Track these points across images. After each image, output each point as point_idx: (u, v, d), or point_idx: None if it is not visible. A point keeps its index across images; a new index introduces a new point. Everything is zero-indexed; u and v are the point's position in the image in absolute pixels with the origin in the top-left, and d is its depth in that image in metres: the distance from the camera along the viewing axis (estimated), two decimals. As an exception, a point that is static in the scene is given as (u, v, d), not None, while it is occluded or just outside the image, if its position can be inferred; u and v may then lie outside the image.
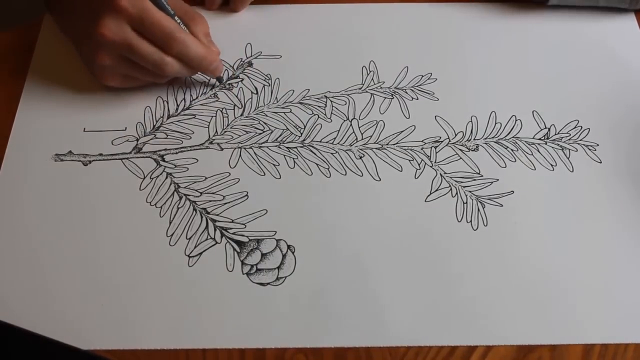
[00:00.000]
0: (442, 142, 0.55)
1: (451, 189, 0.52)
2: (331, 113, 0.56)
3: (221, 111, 0.57)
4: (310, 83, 0.58)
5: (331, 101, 0.57)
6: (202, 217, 0.50)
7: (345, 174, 0.53)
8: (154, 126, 0.56)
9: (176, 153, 0.54)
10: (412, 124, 0.56)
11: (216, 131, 0.55)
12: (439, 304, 0.47)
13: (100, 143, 0.54)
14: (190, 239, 0.49)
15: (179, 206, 0.51)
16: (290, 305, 0.46)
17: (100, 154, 0.54)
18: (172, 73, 0.54)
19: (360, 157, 0.54)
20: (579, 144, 0.55)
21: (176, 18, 0.54)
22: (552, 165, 0.54)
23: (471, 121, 0.56)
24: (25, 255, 0.49)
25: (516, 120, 0.56)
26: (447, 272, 0.48)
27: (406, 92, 0.58)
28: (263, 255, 0.49)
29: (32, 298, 0.47)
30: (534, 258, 0.49)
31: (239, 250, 0.49)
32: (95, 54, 0.52)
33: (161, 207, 0.51)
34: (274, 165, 0.53)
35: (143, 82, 0.55)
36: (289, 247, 0.49)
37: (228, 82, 0.59)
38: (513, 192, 0.52)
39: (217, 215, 0.51)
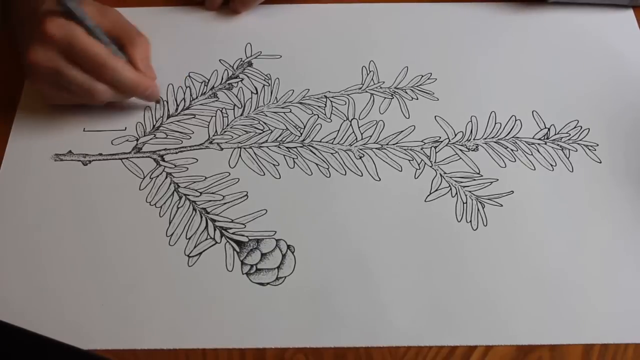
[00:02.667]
0: (442, 142, 0.55)
1: (451, 189, 0.52)
2: (331, 113, 0.56)
3: (221, 111, 0.57)
4: (310, 83, 0.58)
5: (331, 101, 0.57)
6: (201, 217, 0.50)
7: (345, 174, 0.53)
8: (153, 126, 0.56)
9: (176, 153, 0.54)
10: (412, 124, 0.56)
11: (216, 131, 0.55)
12: (439, 304, 0.47)
13: (100, 143, 0.54)
14: (190, 238, 0.49)
15: (179, 206, 0.51)
16: (290, 305, 0.46)
17: (100, 154, 0.54)
18: (104, 99, 0.52)
19: (360, 157, 0.54)
20: (578, 144, 0.55)
21: (109, 42, 0.52)
22: (552, 165, 0.54)
23: (471, 121, 0.56)
24: (25, 255, 0.49)
25: (516, 120, 0.56)
26: (446, 272, 0.48)
27: (406, 92, 0.58)
28: (263, 255, 0.49)
29: (32, 298, 0.47)
30: (534, 258, 0.49)
31: (238, 250, 0.49)
32: (29, 79, 0.52)
33: (161, 207, 0.51)
34: (274, 165, 0.53)
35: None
36: (288, 247, 0.49)
37: (228, 82, 0.59)
38: (513, 192, 0.52)
39: (217, 215, 0.51)
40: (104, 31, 0.52)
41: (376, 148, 0.54)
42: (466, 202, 0.51)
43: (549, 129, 0.56)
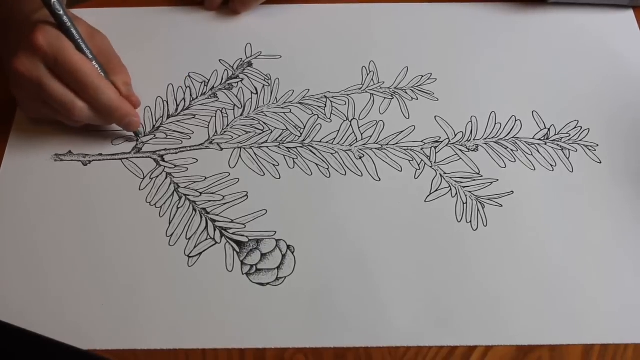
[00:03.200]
0: (441, 142, 0.55)
1: (451, 189, 0.52)
2: (331, 113, 0.56)
3: (221, 111, 0.57)
4: (310, 83, 0.58)
5: (331, 101, 0.57)
6: (201, 217, 0.50)
7: (345, 174, 0.53)
8: (153, 126, 0.56)
9: (176, 153, 0.54)
10: (412, 124, 0.56)
11: (216, 131, 0.55)
12: (439, 304, 0.47)
13: (100, 143, 0.54)
14: (190, 239, 0.49)
15: (179, 206, 0.51)
16: (290, 305, 0.46)
17: (100, 154, 0.54)
18: (82, 118, 0.51)
19: (360, 157, 0.54)
20: (578, 144, 0.55)
21: (95, 63, 0.51)
22: (551, 165, 0.54)
23: (471, 121, 0.56)
24: (25, 255, 0.49)
25: (516, 120, 0.56)
26: (446, 272, 0.48)
27: (406, 92, 0.58)
28: (263, 256, 0.49)
29: (32, 298, 0.47)
30: (534, 258, 0.49)
31: (238, 251, 0.49)
32: (11, 87, 0.51)
33: (161, 207, 0.51)
34: (274, 165, 0.53)
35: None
36: (288, 247, 0.49)
37: (228, 82, 0.59)
38: (513, 192, 0.52)
39: (217, 215, 0.51)
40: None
41: (376, 148, 0.54)
42: (466, 203, 0.51)
43: (549, 129, 0.56)
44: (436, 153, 0.54)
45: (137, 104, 0.54)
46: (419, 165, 0.53)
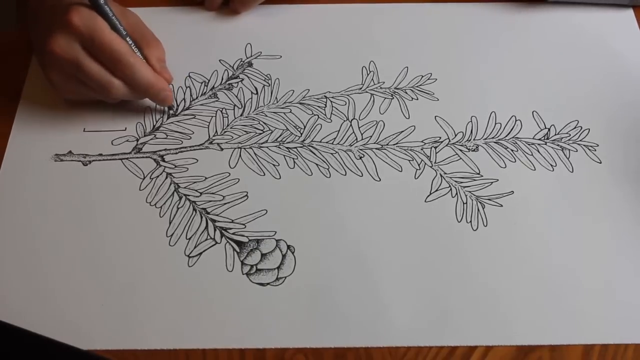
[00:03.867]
0: (442, 142, 0.55)
1: (451, 189, 0.52)
2: (331, 113, 0.56)
3: (221, 111, 0.57)
4: (310, 83, 0.58)
5: (331, 101, 0.57)
6: (202, 217, 0.50)
7: (345, 174, 0.53)
8: (154, 126, 0.56)
9: (176, 153, 0.54)
10: (412, 124, 0.56)
11: (216, 131, 0.55)
12: (439, 304, 0.47)
13: (100, 143, 0.54)
14: (190, 239, 0.49)
15: (179, 206, 0.51)
16: (290, 305, 0.46)
17: (100, 154, 0.54)
18: (118, 96, 0.52)
19: (360, 157, 0.54)
20: (578, 144, 0.55)
21: (129, 40, 0.53)
22: (552, 165, 0.54)
23: (471, 121, 0.56)
24: (25, 255, 0.49)
25: (516, 120, 0.56)
26: (447, 273, 0.48)
27: (406, 92, 0.58)
28: (263, 256, 0.49)
29: (32, 298, 0.47)
30: (534, 258, 0.49)
31: (238, 251, 0.49)
32: (46, 69, 0.52)
33: (161, 207, 0.51)
34: (274, 165, 0.53)
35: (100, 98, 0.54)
36: (288, 247, 0.49)
37: (228, 82, 0.59)
38: (513, 192, 0.52)
39: (217, 215, 0.51)
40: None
41: (376, 148, 0.54)
42: (466, 203, 0.51)
43: (549, 129, 0.56)
44: (436, 153, 0.54)
45: (169, 80, 0.56)
46: (419, 165, 0.53)
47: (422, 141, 0.55)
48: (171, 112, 0.56)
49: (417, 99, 0.57)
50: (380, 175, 0.53)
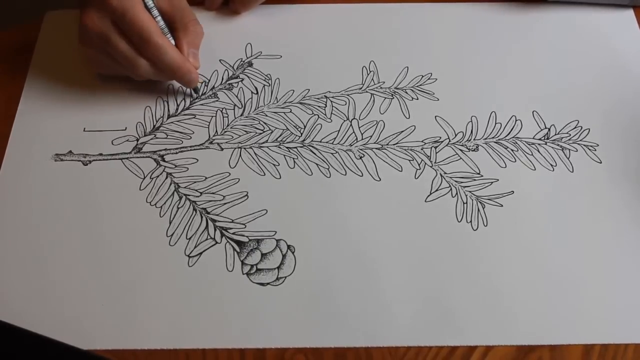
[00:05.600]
0: (442, 142, 0.55)
1: (451, 189, 0.52)
2: (331, 113, 0.56)
3: (221, 111, 0.57)
4: (310, 83, 0.58)
5: (331, 101, 0.57)
6: (202, 217, 0.50)
7: (345, 174, 0.53)
8: (154, 126, 0.56)
9: (176, 153, 0.54)
10: (412, 124, 0.56)
11: (216, 131, 0.55)
12: (439, 304, 0.47)
13: (100, 143, 0.54)
14: (190, 239, 0.49)
15: (179, 206, 0.51)
16: (290, 305, 0.46)
17: (100, 154, 0.54)
18: (144, 75, 0.53)
19: (360, 157, 0.54)
20: (579, 144, 0.55)
21: (161, 22, 0.53)
22: (552, 165, 0.54)
23: (471, 121, 0.56)
24: (25, 255, 0.49)
25: (516, 120, 0.56)
26: (446, 273, 0.48)
27: (406, 92, 0.58)
28: (263, 255, 0.49)
29: (32, 298, 0.47)
30: (534, 258, 0.49)
31: (239, 250, 0.49)
32: (79, 41, 0.54)
33: (161, 207, 0.51)
34: (274, 165, 0.53)
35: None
36: (289, 247, 0.49)
37: (228, 82, 0.59)
38: (513, 192, 0.52)
39: (217, 215, 0.51)
40: (162, 11, 0.54)
41: (376, 148, 0.54)
42: (466, 202, 0.51)
43: (549, 129, 0.56)
44: (436, 153, 0.54)
45: (196, 66, 0.56)
46: (419, 165, 0.53)
47: (422, 141, 0.55)
48: (196, 95, 0.57)
49: (418, 99, 0.57)
50: (381, 175, 0.53)
